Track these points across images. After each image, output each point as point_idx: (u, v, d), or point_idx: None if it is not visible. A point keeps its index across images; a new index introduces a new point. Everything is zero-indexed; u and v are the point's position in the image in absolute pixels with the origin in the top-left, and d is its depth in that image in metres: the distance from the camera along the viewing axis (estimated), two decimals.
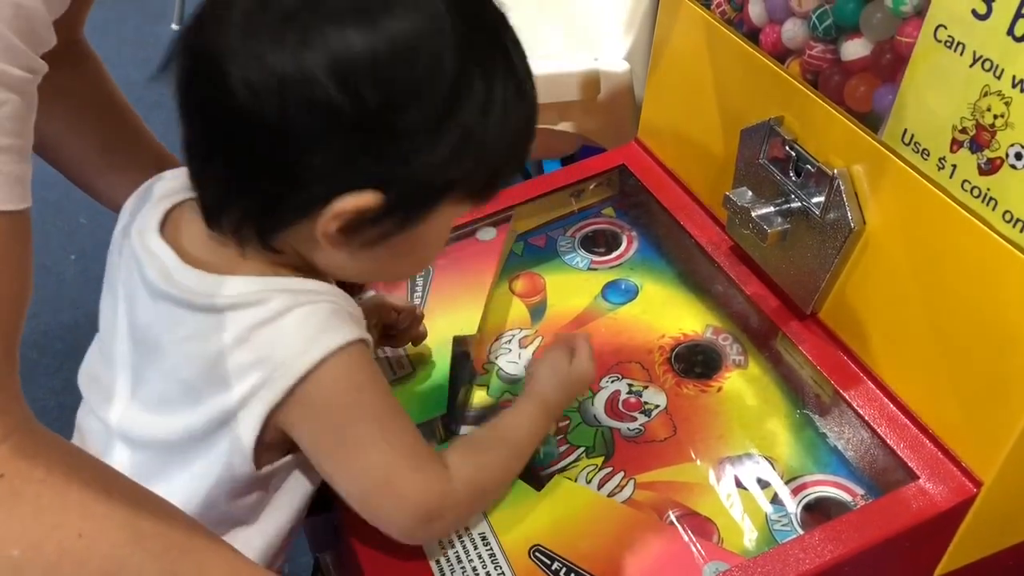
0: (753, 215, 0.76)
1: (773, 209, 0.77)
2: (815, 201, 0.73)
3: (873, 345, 0.73)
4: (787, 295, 0.80)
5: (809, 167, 0.74)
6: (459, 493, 0.64)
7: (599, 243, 0.95)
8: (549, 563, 0.66)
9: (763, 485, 0.71)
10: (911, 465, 0.67)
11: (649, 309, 0.87)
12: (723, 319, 0.84)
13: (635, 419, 0.77)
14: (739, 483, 0.71)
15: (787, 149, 0.76)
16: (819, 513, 0.69)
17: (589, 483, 0.72)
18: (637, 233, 0.95)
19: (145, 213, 0.65)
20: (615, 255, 0.93)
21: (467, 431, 0.77)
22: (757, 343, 0.81)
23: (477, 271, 0.91)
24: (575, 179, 0.98)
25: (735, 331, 0.83)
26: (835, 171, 0.71)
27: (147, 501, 0.55)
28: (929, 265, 0.66)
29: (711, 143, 0.87)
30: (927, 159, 0.64)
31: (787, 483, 0.71)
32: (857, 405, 0.71)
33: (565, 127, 1.14)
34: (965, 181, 0.62)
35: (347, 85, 0.52)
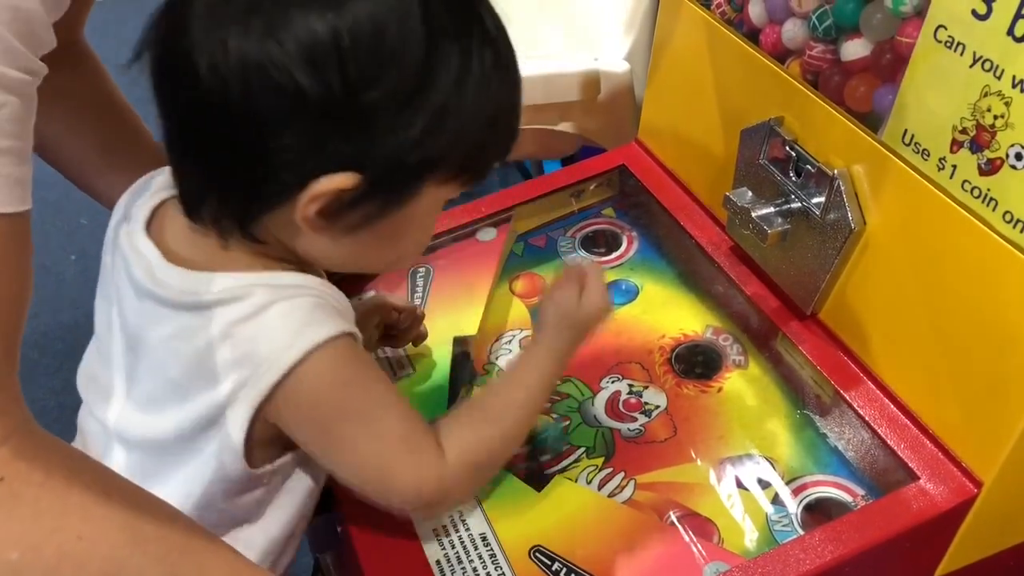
0: (753, 215, 0.76)
1: (773, 209, 0.77)
2: (815, 201, 0.73)
3: (873, 345, 0.73)
4: (787, 295, 0.80)
5: (809, 167, 0.74)
6: (457, 475, 0.63)
7: (599, 243, 0.95)
8: (549, 564, 0.66)
9: (763, 485, 0.71)
10: (911, 465, 0.67)
11: (649, 309, 0.87)
12: (723, 319, 0.84)
13: (635, 419, 0.77)
14: (739, 483, 0.71)
15: (787, 149, 0.76)
16: (820, 513, 0.69)
17: (589, 484, 0.72)
18: (637, 233, 0.95)
19: (136, 211, 0.65)
20: (615, 255, 0.93)
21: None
22: (757, 343, 0.81)
23: (477, 271, 0.91)
24: (575, 179, 0.98)
25: (735, 331, 0.83)
26: (835, 171, 0.71)
27: (147, 503, 0.55)
28: (929, 265, 0.66)
29: (711, 143, 0.87)
30: (927, 159, 0.64)
31: (787, 483, 0.71)
32: (857, 405, 0.71)
33: (565, 127, 1.14)
34: (965, 181, 0.62)
35: (313, 67, 0.51)
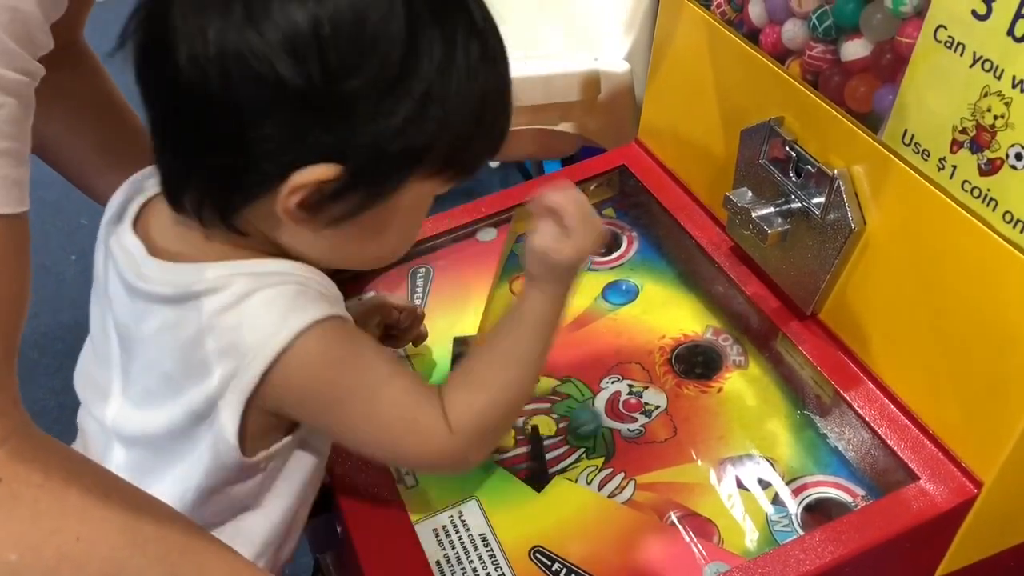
0: (753, 216, 0.76)
1: (773, 210, 0.77)
2: (815, 202, 0.73)
3: (873, 346, 0.73)
4: (787, 296, 0.80)
5: (809, 167, 0.74)
6: (469, 441, 0.62)
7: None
8: (549, 564, 0.66)
9: (764, 486, 0.71)
10: (911, 466, 0.67)
11: (649, 310, 0.87)
12: (723, 320, 0.84)
13: (635, 420, 0.77)
14: (740, 484, 0.71)
15: (787, 149, 0.76)
16: (820, 514, 0.69)
17: (589, 484, 0.72)
18: (637, 234, 0.95)
19: (128, 209, 0.64)
20: (615, 256, 0.93)
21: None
22: (757, 344, 0.81)
23: (478, 272, 0.91)
24: (575, 180, 0.97)
25: (735, 332, 0.83)
26: (835, 172, 0.71)
27: (146, 504, 0.55)
28: (929, 266, 0.66)
29: (711, 144, 0.87)
30: (927, 160, 0.64)
31: (788, 484, 0.71)
32: (857, 406, 0.71)
33: (565, 128, 1.14)
34: (965, 182, 0.62)
35: (293, 57, 0.51)
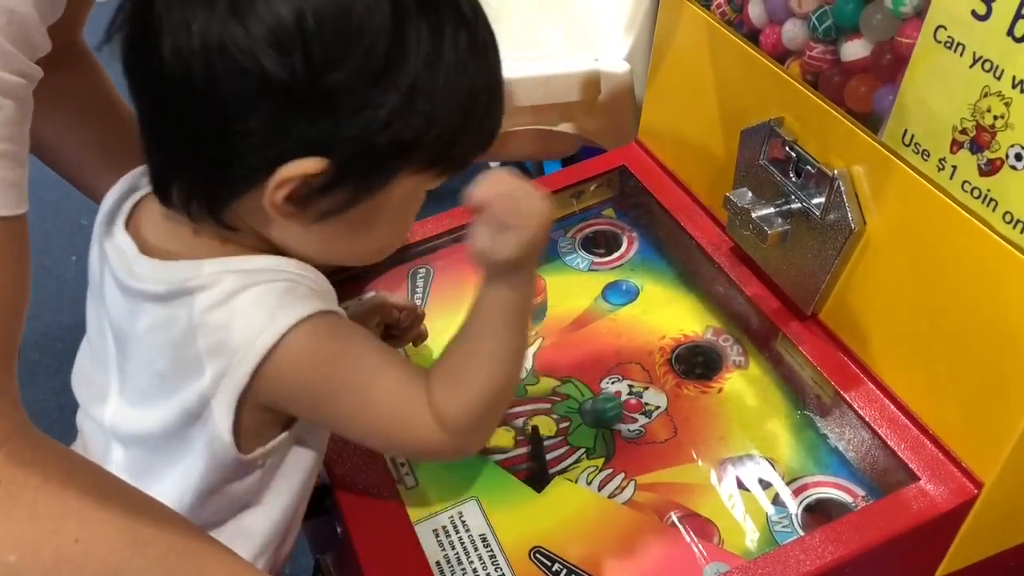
0: (753, 216, 0.76)
1: (773, 210, 0.77)
2: (815, 202, 0.73)
3: (873, 346, 0.73)
4: (787, 296, 0.80)
5: (809, 168, 0.74)
6: (460, 434, 0.62)
7: (599, 244, 0.95)
8: (550, 564, 0.66)
9: (764, 486, 0.71)
10: (912, 466, 0.67)
11: (649, 310, 0.87)
12: (723, 320, 0.84)
13: (636, 420, 0.77)
14: (740, 484, 0.71)
15: (787, 150, 0.76)
16: (820, 514, 0.69)
17: (590, 484, 0.72)
18: (637, 234, 0.95)
19: (123, 207, 0.64)
20: (615, 256, 0.93)
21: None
22: (758, 344, 0.81)
23: (478, 272, 0.90)
24: (575, 180, 0.97)
25: (735, 332, 0.83)
26: (835, 172, 0.71)
27: (145, 506, 0.55)
28: (929, 266, 0.66)
29: (711, 144, 0.87)
30: (927, 160, 0.64)
31: (788, 484, 0.71)
32: (858, 406, 0.71)
33: (565, 128, 1.14)
34: (965, 182, 0.62)
35: (277, 50, 0.51)
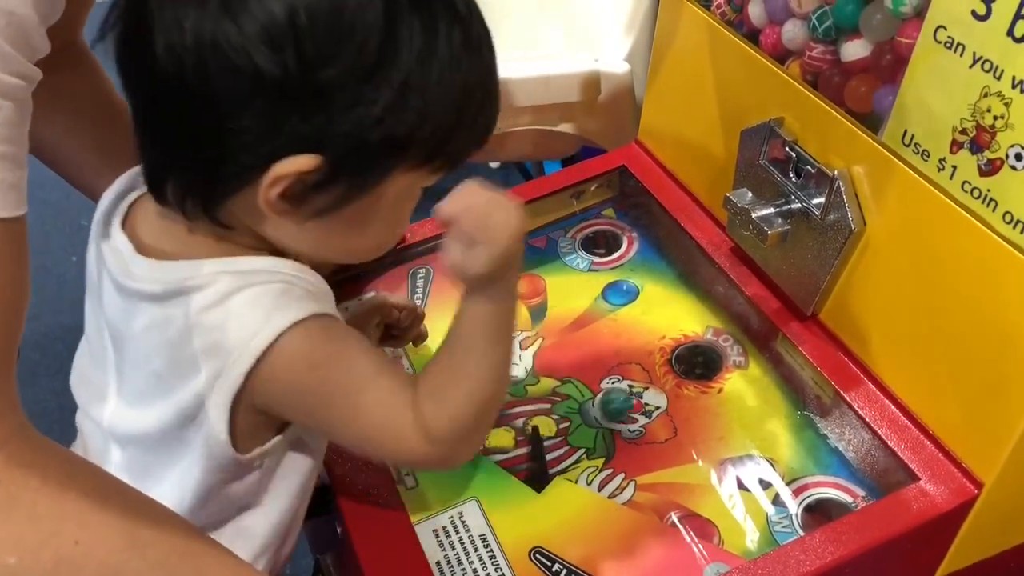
0: (753, 216, 0.76)
1: (773, 210, 0.77)
2: (815, 202, 0.73)
3: (873, 346, 0.73)
4: (787, 296, 0.79)
5: (809, 168, 0.74)
6: (448, 446, 0.61)
7: (599, 244, 0.95)
8: (550, 565, 0.66)
9: (764, 486, 0.71)
10: (912, 466, 0.67)
11: (649, 310, 0.87)
12: (724, 320, 0.84)
13: (636, 420, 0.77)
14: (740, 484, 0.71)
15: (787, 150, 0.76)
16: (820, 514, 0.69)
17: (590, 485, 0.72)
18: (637, 234, 0.95)
19: (120, 207, 0.64)
20: (615, 256, 0.93)
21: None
22: (758, 344, 0.81)
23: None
24: (576, 180, 0.97)
25: (736, 332, 0.83)
26: (835, 172, 0.71)
27: (145, 507, 0.55)
28: (929, 266, 0.66)
29: (711, 144, 0.87)
30: (927, 160, 0.64)
31: (788, 484, 0.71)
32: (858, 406, 0.71)
33: (565, 128, 1.14)
34: (965, 182, 0.62)
35: (269, 48, 0.51)
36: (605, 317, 0.86)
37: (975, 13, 0.58)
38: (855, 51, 0.69)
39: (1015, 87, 0.57)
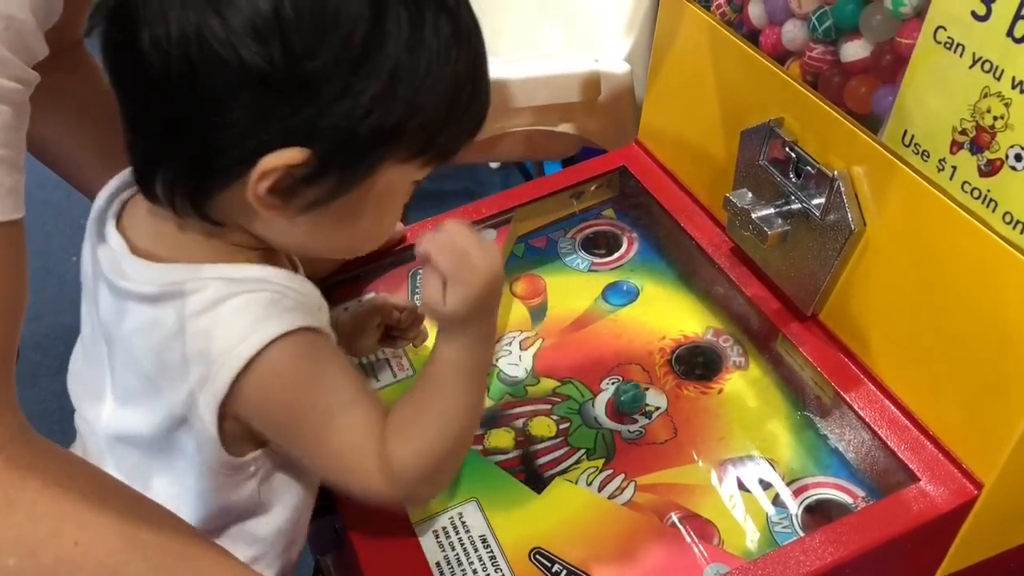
0: (753, 216, 0.76)
1: (773, 211, 0.77)
2: (815, 203, 0.73)
3: (874, 347, 0.73)
4: (787, 297, 0.79)
5: (809, 168, 0.74)
6: (407, 486, 0.62)
7: (599, 245, 0.95)
8: (550, 565, 0.66)
9: (764, 487, 0.71)
10: (912, 467, 0.67)
11: (650, 311, 0.87)
12: (724, 321, 0.84)
13: (636, 421, 0.76)
14: (740, 485, 0.71)
15: (787, 150, 0.76)
16: (820, 515, 0.69)
17: (590, 485, 0.72)
18: (638, 234, 0.95)
19: (115, 206, 0.64)
20: (615, 257, 0.93)
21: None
22: (758, 345, 0.81)
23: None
24: (575, 181, 0.97)
25: (736, 333, 0.83)
26: (835, 172, 0.71)
27: (145, 509, 0.55)
28: (929, 267, 0.66)
29: (711, 145, 0.87)
30: (927, 160, 0.64)
31: (788, 485, 0.71)
32: (858, 407, 0.71)
33: (565, 128, 1.14)
34: (965, 182, 0.62)
35: (255, 40, 0.50)
36: (605, 318, 0.86)
37: (975, 13, 0.58)
38: (855, 51, 0.69)
39: (1015, 87, 0.57)
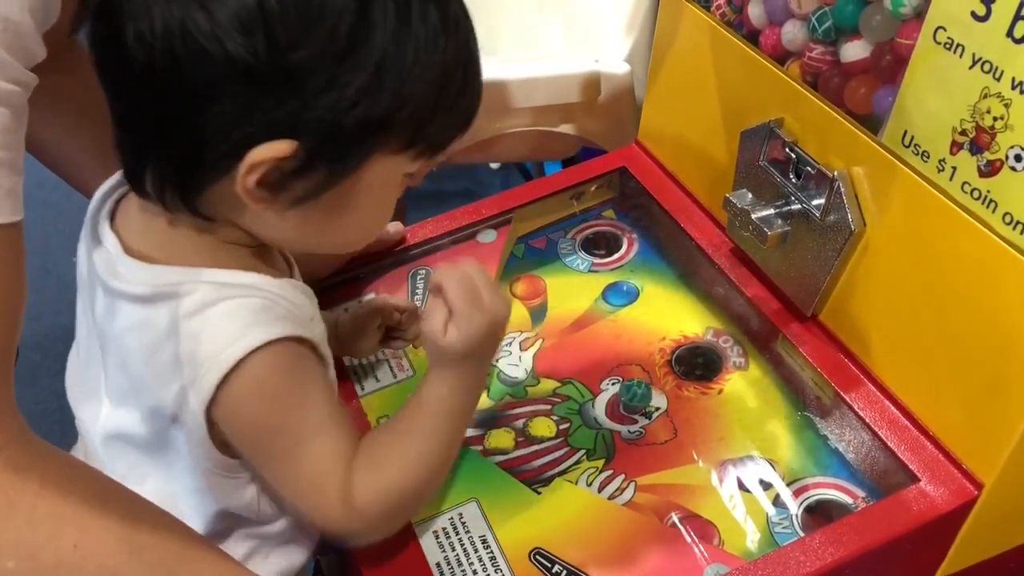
0: (753, 217, 0.76)
1: (773, 211, 0.76)
2: (815, 203, 0.73)
3: (874, 347, 0.73)
4: (787, 297, 0.79)
5: (809, 169, 0.74)
6: (368, 520, 0.62)
7: (600, 245, 0.95)
8: (550, 566, 0.66)
9: (764, 487, 0.71)
10: (912, 467, 0.67)
11: (650, 311, 0.87)
12: (724, 321, 0.84)
13: (636, 421, 0.77)
14: (740, 485, 0.71)
15: (787, 151, 0.76)
16: (820, 515, 0.69)
17: (590, 486, 0.72)
18: (638, 235, 0.95)
19: (107, 205, 0.64)
20: (616, 257, 0.93)
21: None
22: (758, 345, 0.81)
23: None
24: (576, 181, 0.97)
25: (736, 333, 0.83)
26: (835, 173, 0.71)
27: (144, 511, 0.55)
28: (929, 267, 0.66)
29: (711, 145, 0.87)
30: (927, 161, 0.64)
31: (788, 485, 0.71)
32: (858, 407, 0.71)
33: (565, 129, 1.14)
34: (965, 183, 0.62)
35: (240, 33, 0.50)
36: (605, 318, 0.86)
37: (975, 14, 0.58)
38: (855, 52, 0.69)
39: (1015, 88, 0.57)
